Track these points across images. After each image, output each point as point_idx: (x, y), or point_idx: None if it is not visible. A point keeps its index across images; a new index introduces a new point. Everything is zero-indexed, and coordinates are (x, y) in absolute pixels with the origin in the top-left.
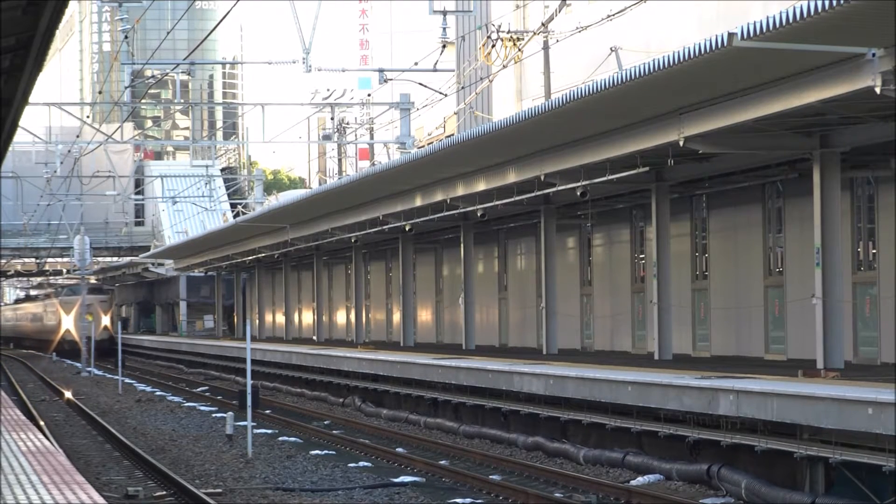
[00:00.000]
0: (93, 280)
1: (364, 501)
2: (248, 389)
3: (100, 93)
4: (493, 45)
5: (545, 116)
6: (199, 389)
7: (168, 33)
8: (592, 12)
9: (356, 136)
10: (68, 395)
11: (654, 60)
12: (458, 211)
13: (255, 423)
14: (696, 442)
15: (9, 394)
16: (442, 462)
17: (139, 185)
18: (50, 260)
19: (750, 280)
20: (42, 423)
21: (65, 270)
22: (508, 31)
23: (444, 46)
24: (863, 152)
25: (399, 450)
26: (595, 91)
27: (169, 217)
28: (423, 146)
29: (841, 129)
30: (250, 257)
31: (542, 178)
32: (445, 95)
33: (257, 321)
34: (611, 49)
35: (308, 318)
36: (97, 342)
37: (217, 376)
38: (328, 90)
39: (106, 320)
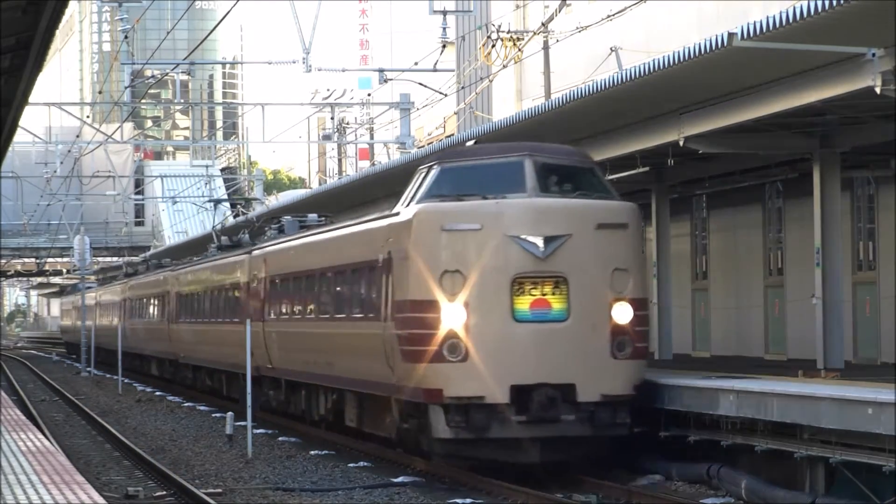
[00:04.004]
0: None
1: (364, 501)
2: (248, 389)
3: (100, 93)
4: (493, 45)
5: (545, 116)
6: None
7: (168, 33)
8: (592, 12)
9: (356, 136)
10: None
11: (654, 60)
12: None
13: (255, 423)
14: (696, 442)
15: (9, 394)
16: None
17: (139, 185)
18: (50, 260)
19: (750, 280)
20: (42, 422)
21: (65, 270)
22: (508, 31)
23: (444, 46)
24: (863, 152)
25: (399, 450)
26: (595, 91)
27: (169, 217)
28: (423, 146)
29: (841, 129)
30: None
31: None
32: (445, 95)
33: None
34: (611, 49)
35: None
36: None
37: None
38: (328, 90)
39: (624, 312)
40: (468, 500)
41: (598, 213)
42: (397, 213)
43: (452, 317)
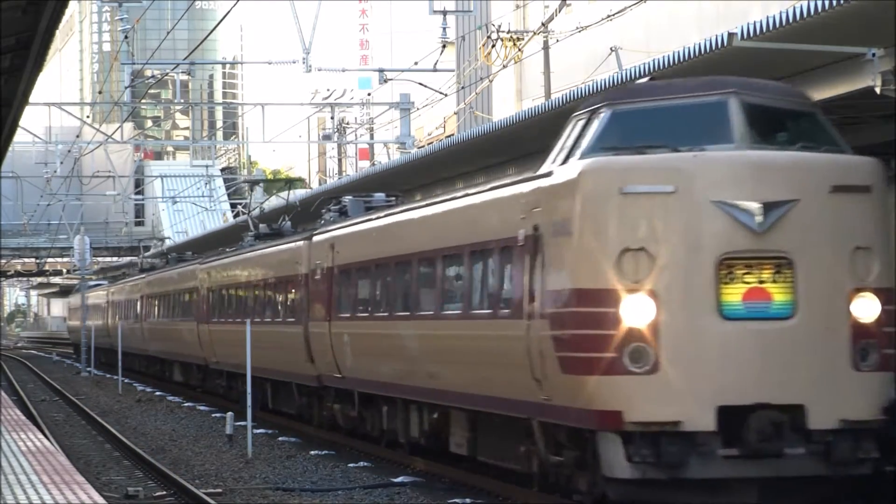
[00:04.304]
0: None
1: (364, 501)
2: (248, 389)
3: (100, 93)
4: (493, 45)
5: (545, 116)
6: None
7: (168, 33)
8: (592, 12)
9: (356, 136)
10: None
11: (654, 60)
12: None
13: (255, 423)
14: None
15: (9, 394)
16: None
17: (139, 185)
18: (50, 260)
19: None
20: (42, 422)
21: (65, 270)
22: (508, 31)
23: (444, 46)
24: (863, 152)
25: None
26: (595, 91)
27: (169, 217)
28: (423, 146)
29: (841, 129)
30: None
31: None
32: (445, 95)
33: None
34: (611, 49)
35: None
36: None
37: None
38: (328, 90)
39: (869, 306)
40: (468, 500)
41: (831, 171)
42: (549, 174)
43: (636, 312)
